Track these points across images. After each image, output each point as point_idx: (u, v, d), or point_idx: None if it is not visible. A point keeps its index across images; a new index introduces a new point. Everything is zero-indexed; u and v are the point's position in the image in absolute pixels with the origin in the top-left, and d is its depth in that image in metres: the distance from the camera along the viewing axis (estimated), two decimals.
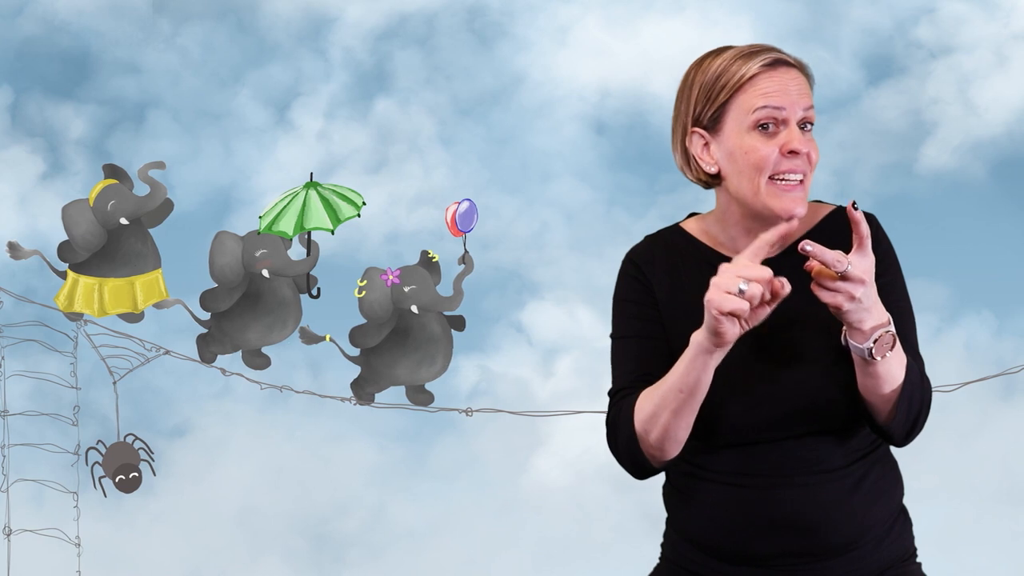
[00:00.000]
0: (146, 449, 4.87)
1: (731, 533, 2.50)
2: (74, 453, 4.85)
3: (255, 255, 4.62)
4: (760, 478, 2.47)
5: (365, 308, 4.61)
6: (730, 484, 2.49)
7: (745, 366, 2.42)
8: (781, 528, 2.46)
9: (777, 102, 2.40)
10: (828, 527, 2.46)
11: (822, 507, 2.45)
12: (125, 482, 4.81)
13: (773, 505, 2.46)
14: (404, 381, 4.69)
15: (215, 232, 4.81)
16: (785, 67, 2.44)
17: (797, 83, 2.43)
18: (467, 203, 4.69)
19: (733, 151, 2.43)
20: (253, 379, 4.80)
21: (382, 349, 4.65)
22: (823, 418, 2.43)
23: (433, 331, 4.63)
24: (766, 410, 2.43)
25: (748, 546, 2.50)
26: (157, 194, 4.74)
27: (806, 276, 2.29)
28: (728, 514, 2.50)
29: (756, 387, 2.43)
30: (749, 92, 2.42)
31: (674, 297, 2.54)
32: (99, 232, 4.68)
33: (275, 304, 4.69)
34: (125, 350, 4.82)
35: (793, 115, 2.41)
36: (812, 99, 2.46)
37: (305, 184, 4.60)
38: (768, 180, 2.40)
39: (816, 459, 2.45)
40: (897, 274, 2.51)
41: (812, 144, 2.42)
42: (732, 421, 2.45)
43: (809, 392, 2.41)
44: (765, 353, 2.43)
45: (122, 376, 4.83)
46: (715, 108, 2.45)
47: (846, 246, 2.27)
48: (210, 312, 4.73)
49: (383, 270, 4.59)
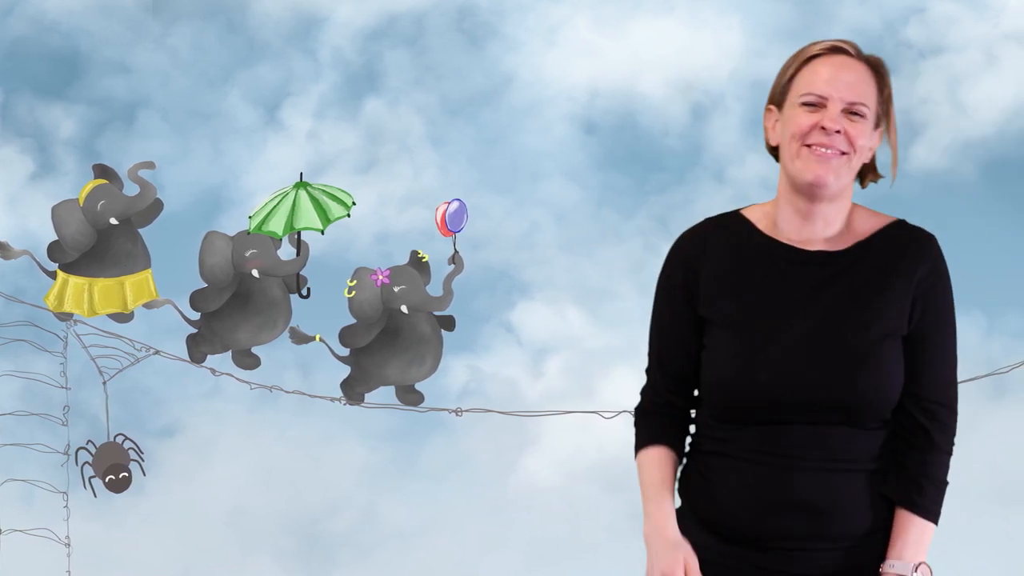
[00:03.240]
0: (136, 449, 4.86)
1: (747, 510, 2.56)
2: (64, 453, 4.84)
3: (245, 255, 4.62)
4: (781, 458, 2.53)
5: (355, 308, 4.61)
6: (752, 462, 2.56)
7: (792, 349, 2.52)
8: (795, 509, 2.53)
9: (822, 89, 2.52)
10: (840, 514, 2.53)
11: (836, 494, 2.52)
12: (115, 482, 4.80)
13: (790, 487, 2.53)
14: (394, 381, 4.69)
15: (205, 232, 4.80)
16: (844, 56, 2.56)
17: (852, 74, 2.54)
18: (457, 203, 4.70)
19: (784, 123, 2.57)
20: (243, 379, 4.80)
21: (372, 349, 4.64)
22: (855, 412, 2.51)
23: (423, 331, 4.63)
24: (805, 394, 2.50)
25: (762, 525, 2.55)
26: (147, 194, 4.73)
27: (856, 273, 2.53)
28: (747, 492, 2.56)
29: (800, 371, 2.51)
30: (805, 73, 2.56)
31: (724, 276, 2.64)
32: (89, 232, 4.67)
33: (265, 304, 4.69)
34: (115, 350, 4.81)
35: (836, 102, 2.51)
36: (873, 95, 2.56)
37: (295, 184, 4.60)
38: (802, 146, 2.53)
39: (840, 448, 2.52)
40: (947, 304, 2.64)
41: (856, 128, 2.52)
42: (771, 398, 2.52)
43: (848, 385, 2.49)
44: (813, 342, 2.51)
45: (112, 376, 4.83)
46: (782, 86, 2.60)
47: (895, 260, 2.53)
48: (200, 312, 4.73)
49: (373, 270, 4.58)
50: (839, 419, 2.51)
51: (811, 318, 2.53)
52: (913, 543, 2.51)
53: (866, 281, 2.55)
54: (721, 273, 2.64)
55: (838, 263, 2.57)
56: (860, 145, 2.54)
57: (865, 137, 2.55)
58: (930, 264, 2.60)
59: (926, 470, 2.53)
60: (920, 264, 2.58)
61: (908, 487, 2.53)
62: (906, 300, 2.55)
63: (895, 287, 2.55)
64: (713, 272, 2.64)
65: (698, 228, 2.73)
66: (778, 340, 2.53)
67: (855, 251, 2.60)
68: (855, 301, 2.52)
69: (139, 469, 4.86)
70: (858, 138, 2.53)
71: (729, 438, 2.60)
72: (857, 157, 2.56)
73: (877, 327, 2.51)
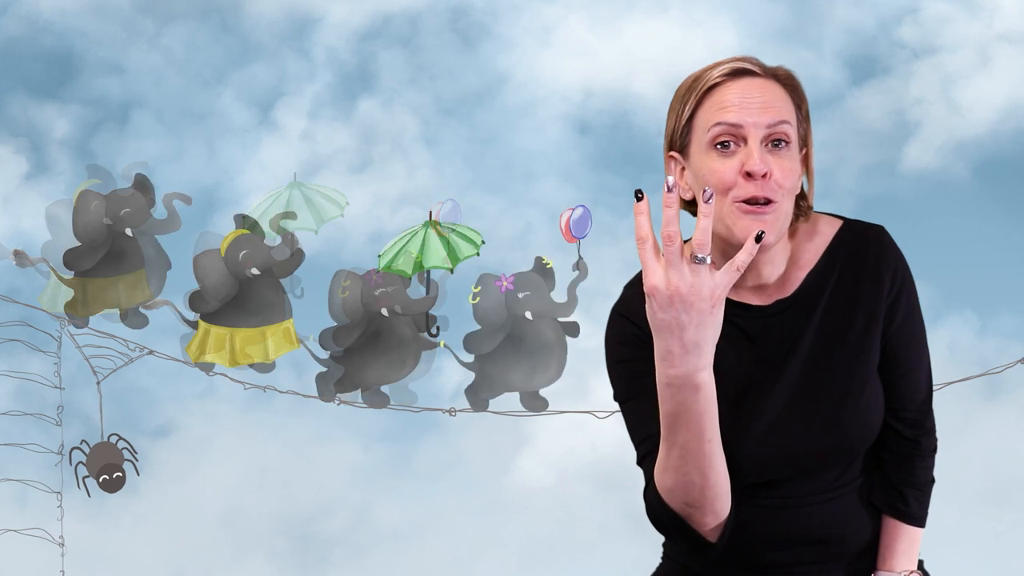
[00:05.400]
0: (130, 449, 4.86)
1: (747, 547, 2.42)
2: (58, 453, 4.84)
3: (375, 293, 4.59)
4: (781, 500, 2.41)
5: (479, 314, 4.56)
6: (750, 505, 2.39)
7: (776, 422, 2.33)
8: (798, 542, 2.43)
9: (733, 118, 2.18)
10: (845, 537, 2.44)
11: (839, 520, 2.42)
12: (109, 482, 4.80)
13: (792, 523, 2.41)
14: (518, 387, 4.66)
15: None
16: (750, 77, 2.21)
17: (763, 95, 2.20)
18: (581, 209, 4.64)
19: (697, 174, 2.23)
20: (237, 379, 4.79)
21: (496, 355, 4.61)
22: (849, 453, 2.37)
23: (547, 337, 4.58)
24: (796, 456, 2.34)
25: (763, 557, 2.45)
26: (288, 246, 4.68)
27: (832, 312, 2.29)
28: (746, 532, 2.38)
29: (788, 440, 2.33)
30: (707, 107, 2.21)
31: None
32: (230, 282, 4.62)
33: (394, 343, 4.66)
34: (109, 350, 4.80)
35: (753, 131, 2.17)
36: (792, 112, 2.22)
37: (424, 223, 4.50)
38: (732, 202, 2.17)
39: (835, 479, 2.40)
40: (914, 305, 2.37)
41: (781, 163, 2.18)
42: (761, 468, 2.34)
43: (838, 435, 2.32)
44: (795, 405, 2.33)
45: (106, 376, 4.82)
46: (682, 128, 2.25)
47: (861, 266, 2.27)
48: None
49: (497, 276, 4.54)
50: (833, 462, 2.37)
51: (788, 378, 2.30)
52: (902, 552, 2.45)
53: (831, 316, 2.31)
54: None
55: (797, 305, 2.31)
56: (791, 187, 2.19)
57: (795, 173, 2.21)
58: (892, 267, 2.31)
59: (912, 478, 2.43)
60: (882, 275, 2.31)
61: (894, 497, 2.43)
62: (876, 321, 2.30)
63: (863, 311, 2.31)
64: None
65: (631, 297, 2.37)
66: (761, 414, 2.32)
67: (809, 286, 2.32)
68: (827, 344, 2.28)
69: (133, 469, 4.86)
70: (787, 177, 2.17)
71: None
72: (789, 198, 2.20)
73: (856, 367, 2.29)
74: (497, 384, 4.66)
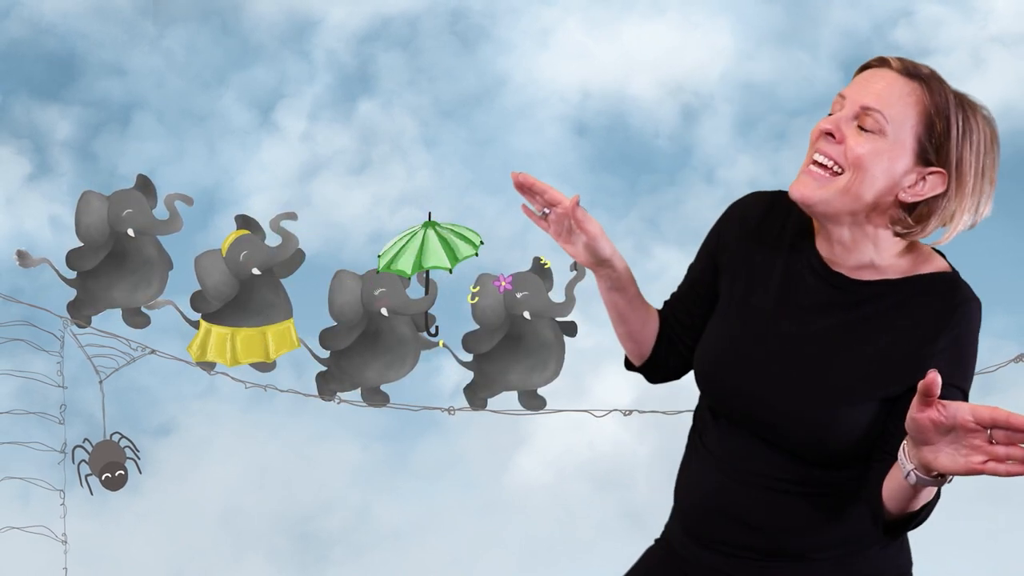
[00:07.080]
0: (132, 447, 4.88)
1: (696, 506, 2.57)
2: (60, 451, 4.86)
3: (374, 294, 4.60)
4: (732, 467, 2.49)
5: (478, 314, 4.58)
6: (710, 460, 2.53)
7: (768, 361, 2.41)
8: (733, 521, 2.50)
9: (845, 91, 2.32)
10: (775, 532, 2.47)
11: (784, 515, 2.45)
12: (111, 480, 4.82)
13: (732, 497, 2.48)
14: (516, 386, 4.68)
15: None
16: (886, 68, 2.31)
17: (885, 84, 2.28)
18: None
19: None
20: (237, 378, 4.81)
21: (495, 355, 4.63)
22: (799, 447, 2.38)
23: (545, 337, 4.61)
24: (760, 409, 2.40)
25: (705, 524, 2.55)
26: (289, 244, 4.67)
27: (875, 311, 2.33)
28: (699, 490, 2.56)
29: (765, 388, 2.40)
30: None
31: (749, 258, 2.53)
32: (232, 282, 4.62)
33: (394, 342, 4.67)
34: (111, 349, 4.82)
35: (849, 105, 2.29)
36: (904, 114, 2.26)
37: (424, 224, 4.47)
38: (807, 164, 2.33)
39: (784, 470, 2.42)
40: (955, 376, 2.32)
41: (860, 140, 2.26)
42: (731, 395, 2.46)
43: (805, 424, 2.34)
44: (790, 360, 2.39)
45: (108, 375, 4.84)
46: None
47: (927, 308, 2.28)
48: (330, 350, 4.71)
49: (496, 276, 4.56)
50: (776, 437, 2.40)
51: (801, 335, 2.38)
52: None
53: (868, 323, 2.35)
54: (747, 254, 2.53)
55: (855, 292, 2.37)
56: (857, 159, 2.26)
57: (877, 158, 2.25)
58: (954, 330, 2.31)
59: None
60: (940, 328, 2.31)
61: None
62: (907, 359, 2.29)
63: (900, 345, 2.31)
64: (739, 249, 2.55)
65: (751, 201, 2.59)
66: (762, 345, 2.42)
67: (878, 288, 2.36)
68: (852, 340, 2.34)
69: (135, 467, 4.88)
70: (855, 148, 2.25)
71: (704, 427, 2.60)
72: (857, 178, 2.27)
73: (859, 381, 2.31)
74: (496, 383, 4.69)
